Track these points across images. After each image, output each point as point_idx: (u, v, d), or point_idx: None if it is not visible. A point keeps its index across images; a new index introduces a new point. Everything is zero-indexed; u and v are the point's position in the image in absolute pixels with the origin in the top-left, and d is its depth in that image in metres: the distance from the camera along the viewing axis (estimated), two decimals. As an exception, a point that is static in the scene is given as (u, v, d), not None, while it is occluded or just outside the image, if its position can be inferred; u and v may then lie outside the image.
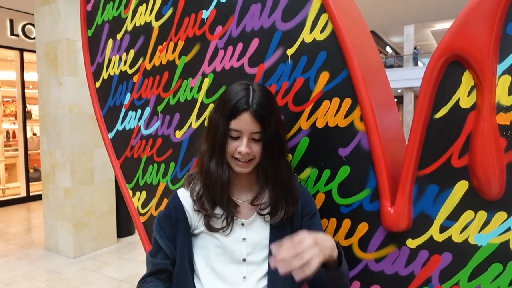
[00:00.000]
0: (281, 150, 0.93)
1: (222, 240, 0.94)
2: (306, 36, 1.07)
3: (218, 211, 0.94)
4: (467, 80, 0.89)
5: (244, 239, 0.94)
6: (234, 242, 0.94)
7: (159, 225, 0.98)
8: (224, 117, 0.88)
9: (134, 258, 3.46)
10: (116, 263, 3.33)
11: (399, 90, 19.15)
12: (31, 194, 6.00)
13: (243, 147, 0.88)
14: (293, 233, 0.95)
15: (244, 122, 0.87)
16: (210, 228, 0.93)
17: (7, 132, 6.94)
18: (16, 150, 6.25)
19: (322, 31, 1.05)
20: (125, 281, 2.95)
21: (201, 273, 0.96)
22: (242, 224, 0.95)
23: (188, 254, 0.96)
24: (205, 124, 0.97)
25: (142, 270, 1.02)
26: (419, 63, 19.90)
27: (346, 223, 1.06)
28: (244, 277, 0.94)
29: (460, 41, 0.87)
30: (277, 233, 0.95)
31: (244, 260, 0.94)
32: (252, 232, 0.95)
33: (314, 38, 1.06)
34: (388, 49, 23.86)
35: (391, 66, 19.79)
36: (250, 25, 1.17)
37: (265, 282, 0.94)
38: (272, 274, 0.93)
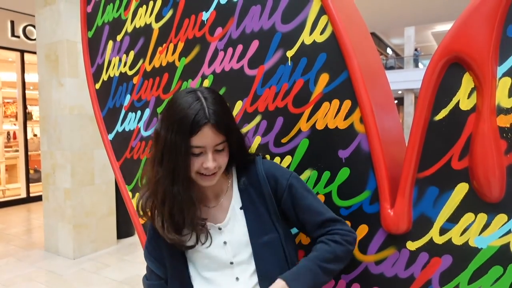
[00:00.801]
0: (242, 141, 0.93)
1: (204, 251, 0.93)
2: (306, 37, 1.07)
3: (185, 231, 0.90)
4: (467, 82, 0.88)
5: (225, 243, 0.92)
6: (217, 249, 0.92)
7: (147, 250, 0.99)
8: (182, 136, 0.80)
9: (134, 259, 3.45)
10: (116, 264, 3.32)
11: (399, 92, 19.15)
12: (31, 195, 6.00)
13: (209, 162, 0.83)
14: (272, 219, 0.93)
15: (206, 137, 0.81)
16: (185, 248, 0.92)
17: (8, 133, 6.95)
18: (17, 151, 6.26)
19: (321, 33, 1.04)
20: (125, 283, 2.95)
21: (194, 283, 0.95)
22: (220, 229, 0.93)
23: (177, 271, 0.95)
24: (154, 146, 0.88)
25: (142, 271, 1.01)
26: (420, 64, 19.90)
27: (346, 225, 1.06)
28: (237, 278, 0.92)
29: (460, 43, 0.87)
30: (255, 223, 0.93)
31: (231, 263, 0.92)
32: (231, 234, 0.93)
33: (314, 40, 1.06)
34: (389, 50, 23.88)
35: (391, 68, 19.79)
36: (250, 27, 1.17)
37: (255, 278, 0.92)
38: (260, 269, 0.91)
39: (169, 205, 0.86)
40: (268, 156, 1.12)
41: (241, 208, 0.94)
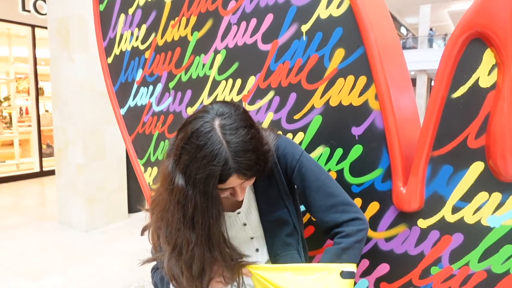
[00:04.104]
0: (269, 157, 0.83)
1: (227, 231, 0.93)
2: (322, 11, 1.04)
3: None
4: (488, 58, 0.86)
5: (244, 224, 0.96)
6: (237, 231, 0.96)
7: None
8: (211, 194, 0.75)
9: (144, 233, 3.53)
10: (127, 238, 3.40)
11: (412, 73, 18.77)
12: (44, 169, 6.12)
13: (239, 197, 0.83)
14: (283, 198, 0.93)
15: (233, 183, 0.78)
16: None
17: (20, 109, 7.03)
18: (29, 126, 6.34)
19: (338, 6, 1.02)
20: (134, 255, 3.02)
21: None
22: (238, 213, 0.95)
23: None
24: (181, 207, 0.78)
25: (150, 245, 1.03)
26: (434, 44, 19.40)
27: (357, 202, 1.06)
28: (257, 249, 0.97)
29: (483, 18, 0.84)
30: (265, 203, 0.94)
31: (252, 238, 0.97)
32: (248, 215, 0.96)
33: (330, 14, 1.03)
34: (403, 30, 23.24)
35: (404, 48, 19.34)
36: (265, 0, 1.14)
37: None
38: (270, 243, 0.95)
39: (209, 273, 0.83)
40: (280, 132, 1.12)
41: (253, 191, 0.96)
